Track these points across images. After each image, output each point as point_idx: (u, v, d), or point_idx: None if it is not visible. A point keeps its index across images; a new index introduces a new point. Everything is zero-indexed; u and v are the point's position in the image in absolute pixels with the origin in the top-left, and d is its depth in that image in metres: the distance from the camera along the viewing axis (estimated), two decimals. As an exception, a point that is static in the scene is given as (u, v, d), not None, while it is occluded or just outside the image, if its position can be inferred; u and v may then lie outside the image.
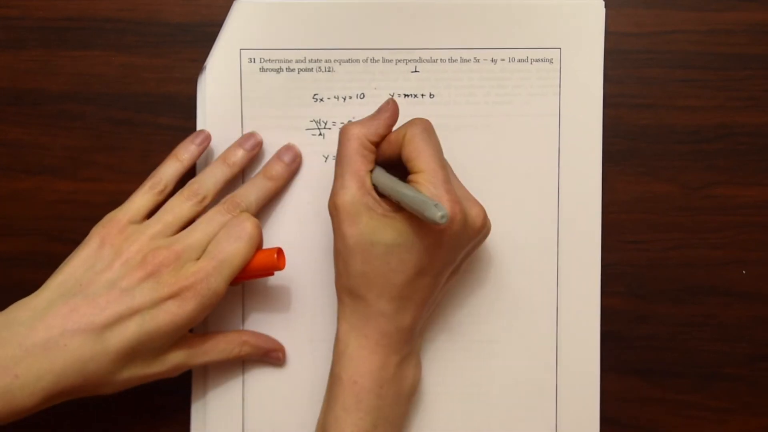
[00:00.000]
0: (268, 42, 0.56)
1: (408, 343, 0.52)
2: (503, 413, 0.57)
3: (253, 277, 0.53)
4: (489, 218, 0.52)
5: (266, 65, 0.56)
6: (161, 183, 0.53)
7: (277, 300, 0.57)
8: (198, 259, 0.51)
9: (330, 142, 0.56)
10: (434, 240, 0.49)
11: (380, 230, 0.49)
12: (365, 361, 0.51)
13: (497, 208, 0.56)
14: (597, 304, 0.57)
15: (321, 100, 0.56)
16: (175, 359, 0.52)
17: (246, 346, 0.55)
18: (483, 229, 0.52)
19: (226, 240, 0.51)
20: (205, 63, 0.56)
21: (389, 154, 0.52)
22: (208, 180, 0.54)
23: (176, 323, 0.50)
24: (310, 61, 0.56)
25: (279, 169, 0.55)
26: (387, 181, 0.50)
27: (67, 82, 0.57)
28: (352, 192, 0.50)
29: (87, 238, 0.52)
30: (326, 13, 0.56)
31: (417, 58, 0.56)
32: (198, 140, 0.55)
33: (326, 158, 0.57)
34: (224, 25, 0.56)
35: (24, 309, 0.50)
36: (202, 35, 0.57)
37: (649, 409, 0.58)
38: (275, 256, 0.52)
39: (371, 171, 0.52)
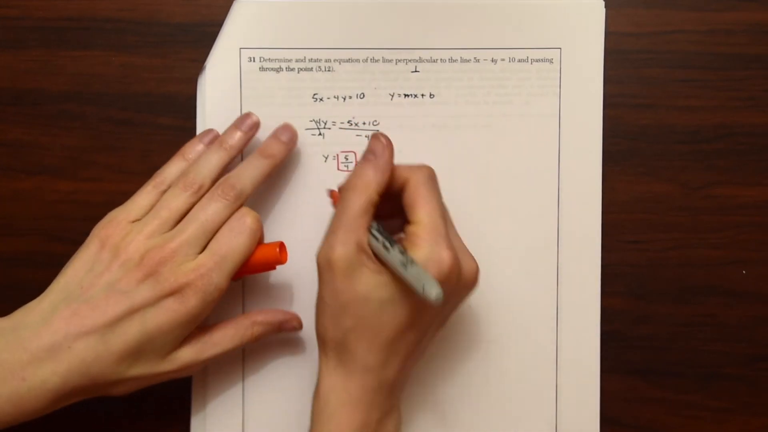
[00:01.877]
0: (267, 41, 0.56)
1: (389, 399, 0.51)
2: (503, 413, 0.57)
3: (255, 272, 0.53)
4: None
5: (266, 65, 0.56)
6: (165, 183, 0.53)
7: (278, 300, 0.57)
8: (197, 251, 0.51)
9: (330, 142, 0.56)
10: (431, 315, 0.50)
11: (375, 287, 0.48)
12: (346, 419, 0.49)
13: (497, 208, 0.56)
14: (597, 304, 0.57)
15: (321, 99, 0.56)
16: (184, 356, 0.51)
17: (257, 327, 0.54)
18: (474, 283, 0.51)
19: (227, 235, 0.51)
20: (205, 63, 0.56)
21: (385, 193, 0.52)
22: (204, 168, 0.53)
23: (179, 320, 0.50)
24: (310, 60, 0.56)
25: (276, 148, 0.54)
26: (382, 250, 0.49)
27: (67, 82, 0.57)
28: (348, 249, 0.49)
29: (88, 238, 0.52)
30: (326, 12, 0.56)
31: (417, 58, 0.56)
32: (206, 139, 0.55)
33: (326, 158, 0.57)
34: (224, 24, 0.56)
35: (29, 313, 0.50)
36: (202, 35, 0.57)
37: (649, 409, 0.58)
38: (277, 249, 0.52)
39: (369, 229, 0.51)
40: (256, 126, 0.55)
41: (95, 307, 0.49)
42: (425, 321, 0.50)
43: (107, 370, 0.49)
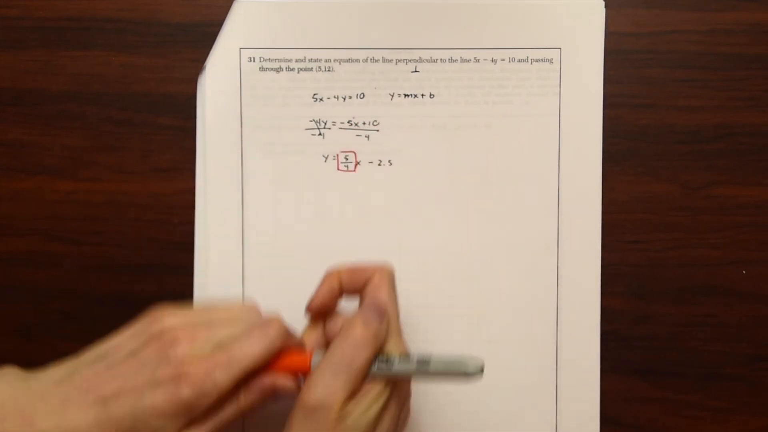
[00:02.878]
0: (268, 41, 0.56)
1: None
2: (503, 413, 0.57)
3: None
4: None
5: (266, 65, 0.56)
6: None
7: (278, 298, 0.57)
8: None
9: (330, 142, 0.56)
10: (407, 392, 0.50)
11: (365, 410, 0.46)
12: None
13: (497, 208, 0.56)
14: (597, 304, 0.57)
15: (321, 99, 0.56)
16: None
17: (249, 395, 0.49)
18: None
19: (246, 338, 0.48)
20: (205, 63, 0.56)
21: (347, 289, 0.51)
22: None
23: (172, 407, 0.46)
24: (310, 60, 0.56)
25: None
26: (390, 370, 0.47)
27: (67, 82, 0.57)
28: (348, 394, 0.46)
29: (140, 330, 0.49)
30: (326, 12, 0.56)
31: (417, 58, 0.56)
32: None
33: (326, 158, 0.57)
34: (224, 24, 0.56)
35: (56, 371, 0.48)
36: (202, 35, 0.57)
37: (649, 409, 0.58)
38: (307, 362, 0.49)
39: None
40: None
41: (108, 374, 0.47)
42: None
43: None
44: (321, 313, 0.52)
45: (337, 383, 0.46)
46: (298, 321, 0.57)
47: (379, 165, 0.57)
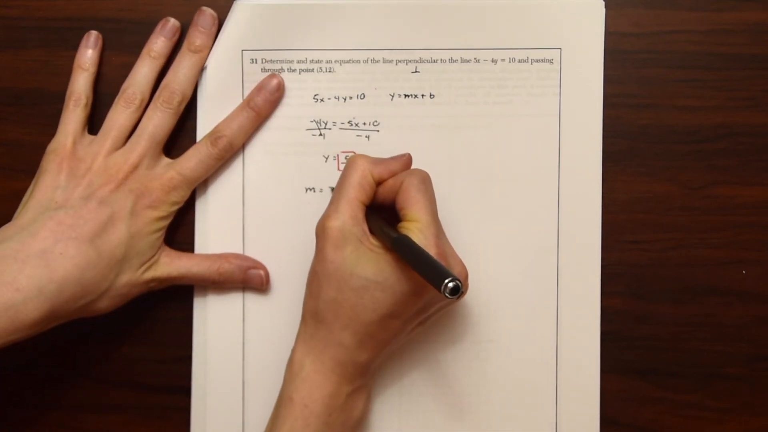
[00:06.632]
0: (269, 43, 0.56)
1: (362, 377, 0.52)
2: (503, 413, 0.57)
3: None
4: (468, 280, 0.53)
5: (268, 66, 0.56)
6: (82, 98, 0.55)
7: (278, 299, 0.57)
8: (156, 159, 0.54)
9: (330, 143, 0.56)
10: (413, 289, 0.49)
11: (362, 263, 0.49)
12: (318, 387, 0.50)
13: (497, 208, 0.57)
14: (597, 304, 0.57)
15: (321, 100, 0.56)
16: (162, 266, 0.54)
17: (226, 263, 0.55)
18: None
19: (195, 158, 0.54)
20: (206, 63, 0.56)
21: (383, 199, 0.53)
22: (140, 80, 0.55)
23: (155, 226, 0.53)
24: (311, 61, 0.56)
25: (200, 39, 0.55)
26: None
27: (67, 82, 0.57)
28: (343, 218, 0.50)
29: (42, 167, 0.53)
30: (327, 13, 0.56)
31: (417, 58, 0.56)
32: (91, 43, 0.56)
33: (326, 158, 0.57)
34: (224, 26, 0.56)
35: (9, 229, 0.51)
36: (203, 35, 0.57)
37: (649, 409, 0.58)
38: None
39: (367, 206, 0.52)
40: (177, 30, 0.56)
41: (77, 215, 0.50)
42: (408, 313, 0.50)
43: (99, 276, 0.50)
44: None
45: (331, 208, 0.51)
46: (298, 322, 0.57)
47: (380, 165, 0.57)
